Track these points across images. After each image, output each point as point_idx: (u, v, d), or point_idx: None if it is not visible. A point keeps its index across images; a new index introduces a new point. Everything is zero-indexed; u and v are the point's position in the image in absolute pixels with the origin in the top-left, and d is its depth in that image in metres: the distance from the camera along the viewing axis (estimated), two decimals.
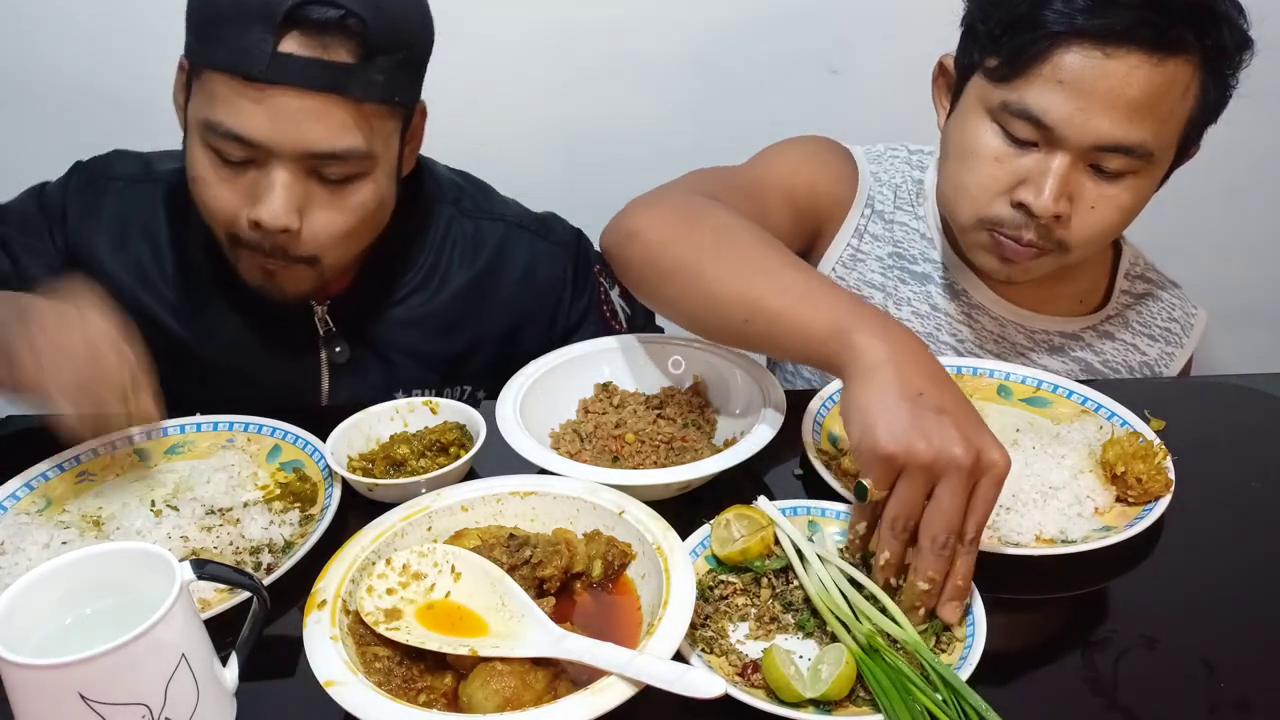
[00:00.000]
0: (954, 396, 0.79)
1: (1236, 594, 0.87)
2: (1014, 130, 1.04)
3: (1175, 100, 1.00)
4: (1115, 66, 0.97)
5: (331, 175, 1.00)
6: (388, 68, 0.98)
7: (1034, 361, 1.25)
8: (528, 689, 0.68)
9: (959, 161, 1.10)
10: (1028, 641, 0.83)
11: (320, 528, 0.89)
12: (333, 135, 0.97)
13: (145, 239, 1.16)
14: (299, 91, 0.94)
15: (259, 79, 0.93)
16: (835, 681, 0.71)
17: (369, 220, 1.07)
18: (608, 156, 1.76)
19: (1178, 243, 1.54)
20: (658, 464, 0.98)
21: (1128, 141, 1.00)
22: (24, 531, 0.90)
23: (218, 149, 0.98)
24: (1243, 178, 1.79)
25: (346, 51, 0.95)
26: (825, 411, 1.06)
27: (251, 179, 0.99)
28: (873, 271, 1.27)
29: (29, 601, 0.66)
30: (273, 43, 0.93)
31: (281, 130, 0.95)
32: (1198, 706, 0.75)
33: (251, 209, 0.99)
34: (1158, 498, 0.92)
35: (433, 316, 1.22)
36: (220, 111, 0.96)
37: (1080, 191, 1.04)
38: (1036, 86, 1.01)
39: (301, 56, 0.93)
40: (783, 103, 1.73)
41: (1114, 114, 0.99)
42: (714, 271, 0.94)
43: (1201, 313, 1.31)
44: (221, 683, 0.71)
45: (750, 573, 0.84)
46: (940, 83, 1.17)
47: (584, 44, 1.67)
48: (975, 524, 0.76)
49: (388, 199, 1.08)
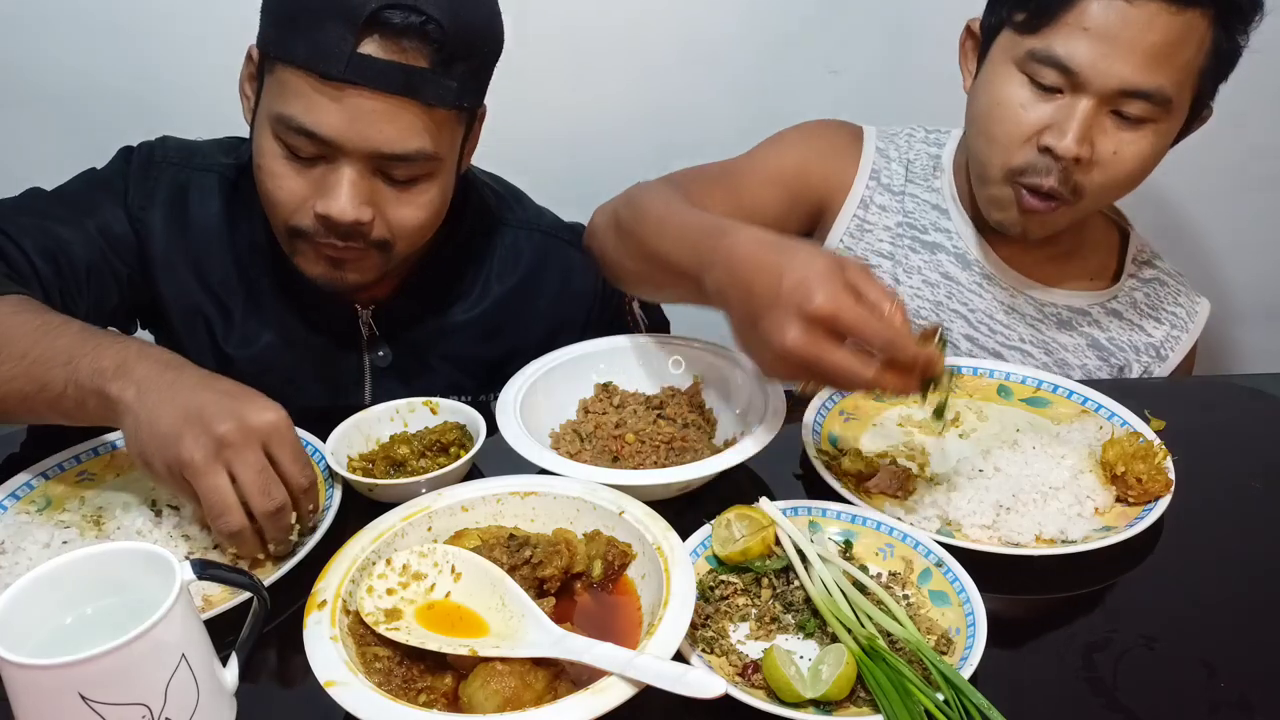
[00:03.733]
0: (760, 263, 0.83)
1: (1236, 594, 0.87)
2: (1040, 77, 1.09)
3: (1191, 50, 1.05)
4: (1137, 14, 1.03)
5: (398, 175, 1.02)
6: (462, 74, 0.99)
7: (1041, 333, 1.27)
8: (528, 689, 0.68)
9: (987, 114, 1.15)
10: (1028, 641, 0.83)
11: (321, 528, 0.89)
12: (403, 137, 0.98)
13: (202, 229, 1.16)
14: (374, 93, 0.95)
15: (337, 78, 0.94)
16: (835, 682, 0.71)
17: (437, 215, 1.09)
18: (608, 156, 1.76)
19: (1178, 241, 1.55)
20: (658, 464, 0.98)
21: (1147, 86, 1.05)
22: (24, 531, 0.90)
23: (288, 143, 0.99)
24: (1243, 177, 1.79)
25: (423, 56, 0.96)
26: (825, 412, 1.06)
27: (320, 174, 1.00)
28: (880, 241, 1.31)
29: (29, 601, 0.66)
30: (353, 43, 0.93)
31: (354, 129, 0.96)
32: (1198, 706, 0.75)
33: (319, 203, 1.00)
34: (1158, 498, 0.92)
35: (474, 324, 1.24)
36: (294, 106, 0.97)
37: (1102, 136, 1.09)
38: (1063, 34, 1.06)
39: (380, 59, 0.94)
40: (783, 102, 1.73)
41: (1135, 59, 1.04)
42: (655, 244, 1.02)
43: (1204, 302, 1.34)
44: (221, 683, 0.71)
45: (751, 573, 0.84)
46: (967, 46, 1.22)
47: (584, 44, 1.67)
48: (899, 315, 0.79)
49: (449, 197, 1.11)
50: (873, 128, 1.35)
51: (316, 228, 1.02)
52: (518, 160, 1.54)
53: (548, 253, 1.27)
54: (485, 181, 1.29)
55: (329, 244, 1.03)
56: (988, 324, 1.27)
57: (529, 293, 1.26)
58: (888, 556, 0.87)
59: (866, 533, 0.88)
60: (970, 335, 1.27)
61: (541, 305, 1.27)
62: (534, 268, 1.26)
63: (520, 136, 1.72)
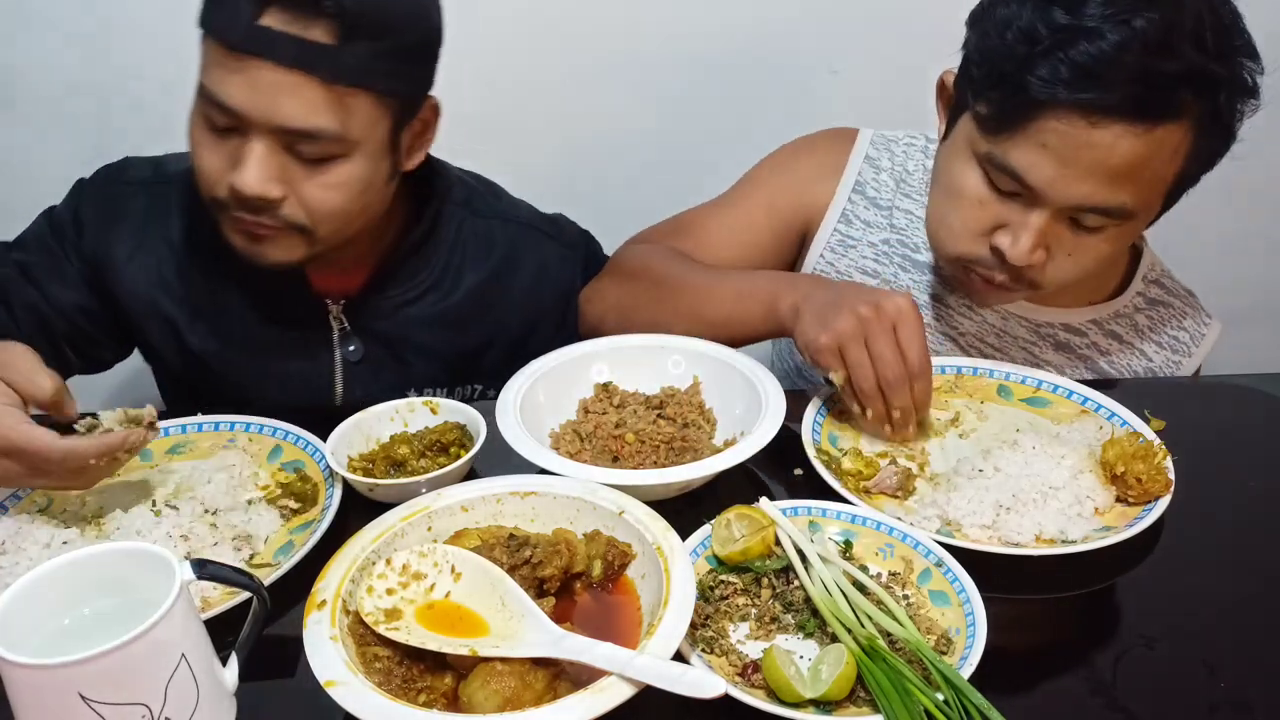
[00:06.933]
0: (852, 287, 1.03)
1: (1236, 594, 0.87)
2: (997, 181, 1.04)
3: (1162, 163, 0.99)
4: (1100, 136, 0.95)
5: (307, 153, 1.01)
6: (366, 53, 0.98)
7: (1036, 357, 1.25)
8: (528, 689, 0.68)
9: (945, 196, 1.11)
10: (1028, 641, 0.83)
11: (320, 528, 0.89)
12: (304, 113, 0.97)
13: (162, 240, 1.18)
14: (275, 65, 0.95)
15: (238, 48, 0.95)
16: (835, 682, 0.71)
17: (355, 201, 1.06)
18: (608, 156, 1.76)
19: (1178, 242, 1.54)
20: (658, 464, 0.98)
21: (1107, 205, 1.00)
22: (24, 531, 0.90)
23: (206, 114, 1.01)
24: (1243, 178, 1.79)
25: (324, 31, 0.96)
26: (825, 412, 1.06)
27: (234, 146, 1.01)
28: (865, 258, 1.27)
29: (29, 601, 0.66)
30: (252, 13, 0.95)
31: (256, 102, 0.97)
32: (1198, 706, 0.75)
33: (229, 174, 1.01)
34: (1158, 498, 0.92)
35: (446, 315, 1.24)
36: (208, 76, 0.99)
37: (1058, 241, 1.05)
38: (1021, 147, 0.99)
39: (277, 30, 0.95)
40: (783, 103, 1.73)
41: (1095, 180, 0.98)
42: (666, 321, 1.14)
43: (1215, 324, 1.29)
44: (221, 683, 0.71)
45: (751, 573, 0.84)
46: (941, 98, 1.16)
47: (584, 44, 1.67)
48: (914, 355, 0.96)
49: (375, 185, 1.08)
50: (869, 131, 1.31)
51: (230, 200, 1.02)
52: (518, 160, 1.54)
53: (522, 244, 1.27)
54: (459, 175, 1.29)
55: (240, 217, 1.03)
56: (979, 348, 1.24)
57: (501, 283, 1.26)
58: (888, 556, 0.87)
59: (866, 533, 0.88)
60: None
61: (515, 296, 1.27)
62: (507, 258, 1.26)
63: (521, 137, 1.73)
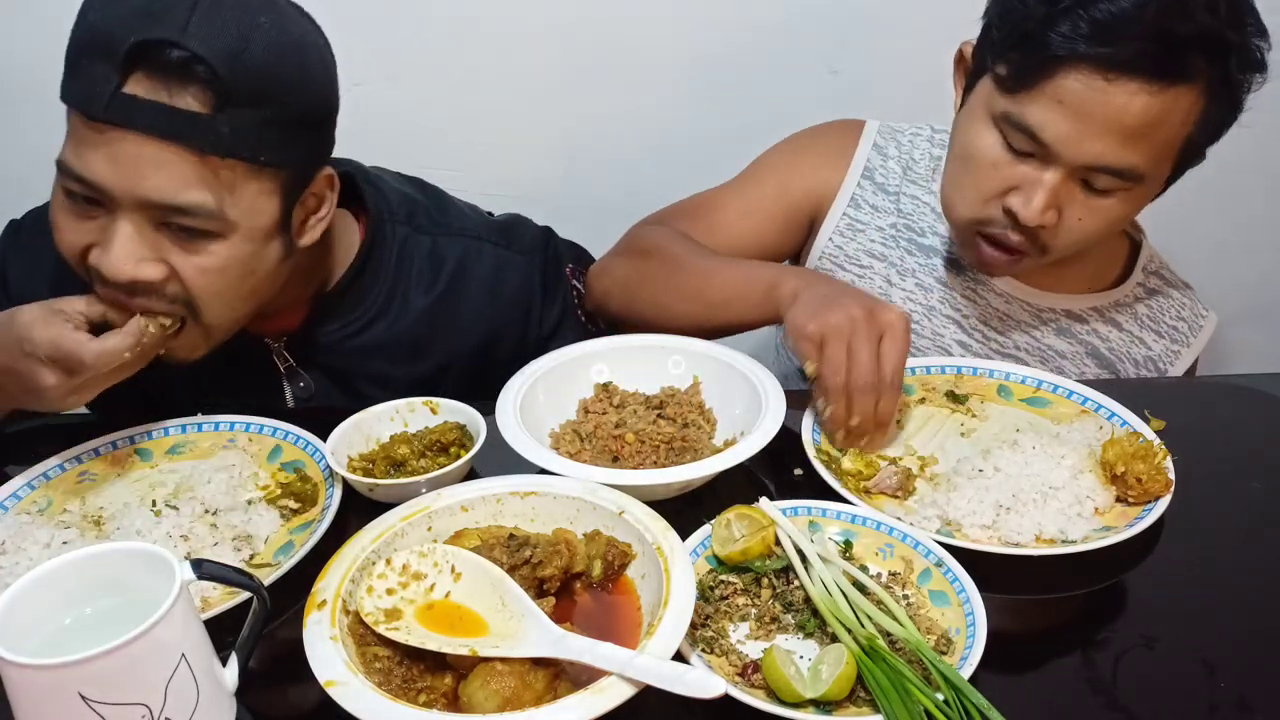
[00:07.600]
0: (856, 290, 1.03)
1: (1236, 594, 0.87)
2: (1012, 140, 1.06)
3: (1174, 126, 1.01)
4: (1115, 93, 0.98)
5: (182, 231, 0.92)
6: (244, 123, 0.89)
7: (1038, 340, 1.26)
8: (528, 689, 0.68)
9: (960, 162, 1.13)
10: (1028, 641, 0.83)
11: (320, 528, 0.89)
12: (175, 187, 0.89)
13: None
14: (141, 137, 0.87)
15: (99, 118, 0.87)
16: (835, 682, 0.71)
17: (238, 285, 0.96)
18: (608, 156, 1.76)
19: (1178, 242, 1.54)
20: (658, 464, 0.98)
21: (1118, 165, 1.02)
22: (24, 531, 0.90)
23: (68, 189, 0.92)
24: (1244, 177, 1.79)
25: (195, 99, 0.87)
26: None
27: (101, 225, 0.92)
28: (873, 242, 1.30)
29: (29, 601, 0.66)
30: (116, 82, 0.86)
31: (121, 176, 0.88)
32: (1198, 706, 0.75)
33: (96, 257, 0.92)
34: (1158, 498, 0.92)
35: (396, 342, 1.16)
36: (67, 150, 0.91)
37: (1070, 203, 1.07)
38: (1038, 104, 1.02)
39: (143, 99, 0.86)
40: (783, 103, 1.72)
41: (1108, 138, 1.00)
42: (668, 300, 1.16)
43: (1212, 316, 1.32)
44: (221, 683, 0.71)
45: (751, 573, 0.84)
46: (959, 68, 1.20)
47: (584, 44, 1.67)
48: (889, 368, 0.95)
49: (262, 268, 0.98)
50: (876, 122, 1.34)
51: (103, 285, 0.93)
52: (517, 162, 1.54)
53: (471, 258, 1.19)
54: (398, 188, 1.20)
55: (113, 299, 0.93)
56: (981, 330, 1.26)
57: (454, 302, 1.18)
58: (888, 556, 0.87)
59: (866, 533, 0.88)
60: (963, 341, 1.26)
61: (469, 314, 1.19)
62: (456, 275, 1.18)
63: (520, 139, 1.73)
